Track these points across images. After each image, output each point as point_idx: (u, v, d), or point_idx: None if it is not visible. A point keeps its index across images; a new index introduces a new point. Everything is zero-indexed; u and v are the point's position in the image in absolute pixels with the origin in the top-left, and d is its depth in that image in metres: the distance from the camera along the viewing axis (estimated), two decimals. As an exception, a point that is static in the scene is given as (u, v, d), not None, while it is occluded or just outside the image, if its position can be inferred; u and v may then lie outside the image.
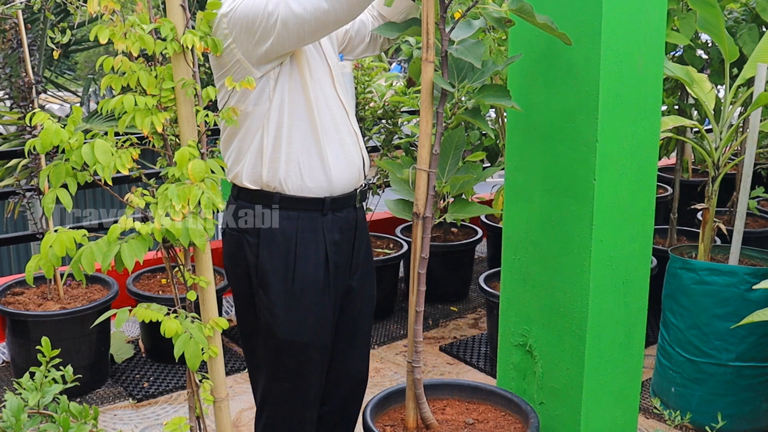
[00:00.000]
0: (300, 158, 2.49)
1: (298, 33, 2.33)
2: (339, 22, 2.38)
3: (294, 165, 2.49)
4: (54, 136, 1.91)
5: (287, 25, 2.30)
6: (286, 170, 2.49)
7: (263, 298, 2.58)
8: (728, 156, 3.99)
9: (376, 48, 2.82)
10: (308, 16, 2.28)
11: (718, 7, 3.75)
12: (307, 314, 2.58)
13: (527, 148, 2.71)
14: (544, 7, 2.48)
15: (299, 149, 2.49)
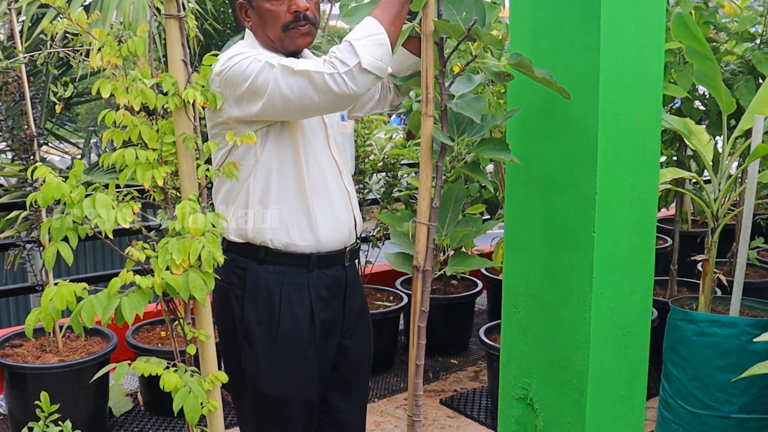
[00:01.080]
0: (287, 217, 2.50)
1: (283, 111, 2.35)
2: (324, 111, 2.42)
3: (281, 221, 2.49)
4: (55, 190, 1.91)
5: (273, 101, 2.32)
6: (272, 230, 2.50)
7: (248, 351, 2.57)
8: (727, 207, 4.00)
9: (385, 105, 2.84)
10: (294, 98, 2.30)
11: (714, 59, 3.78)
12: (291, 370, 2.57)
13: (526, 200, 2.72)
14: (543, 62, 2.50)
15: (286, 208, 2.49)
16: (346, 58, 2.25)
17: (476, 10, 2.40)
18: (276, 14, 2.47)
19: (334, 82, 2.25)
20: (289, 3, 2.47)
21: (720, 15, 5.10)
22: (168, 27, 2.06)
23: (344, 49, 2.27)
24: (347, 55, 2.25)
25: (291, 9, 2.47)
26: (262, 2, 2.48)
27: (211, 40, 7.81)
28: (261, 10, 2.49)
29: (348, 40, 2.29)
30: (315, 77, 2.25)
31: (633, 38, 2.56)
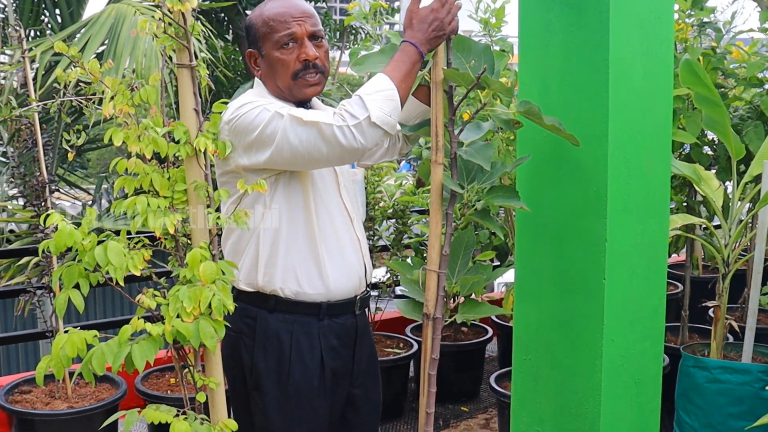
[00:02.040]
0: (297, 265, 2.48)
1: (291, 161, 2.35)
2: (331, 163, 2.42)
3: (290, 272, 2.48)
4: (68, 237, 1.92)
5: (281, 151, 2.31)
6: (282, 277, 2.48)
7: (258, 401, 2.55)
8: (738, 252, 3.99)
9: (394, 153, 2.84)
10: (303, 149, 2.29)
11: (722, 106, 3.79)
12: (301, 420, 2.54)
13: (537, 247, 2.72)
14: (552, 109, 2.51)
15: (296, 257, 2.48)
16: (356, 112, 2.26)
17: (485, 58, 2.42)
18: (286, 63, 2.49)
19: (342, 134, 2.25)
20: (299, 51, 2.49)
21: (728, 61, 5.12)
22: (180, 76, 2.08)
23: (354, 102, 2.28)
24: (357, 109, 2.26)
25: (300, 57, 2.49)
26: (271, 51, 2.50)
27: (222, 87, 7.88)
28: (271, 58, 2.50)
29: (358, 94, 2.30)
30: (324, 129, 2.26)
31: (641, 85, 2.57)
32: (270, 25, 2.49)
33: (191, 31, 2.05)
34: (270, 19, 2.49)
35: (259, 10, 2.55)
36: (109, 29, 5.78)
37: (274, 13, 2.50)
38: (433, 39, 2.35)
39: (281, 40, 2.48)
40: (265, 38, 2.50)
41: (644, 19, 2.57)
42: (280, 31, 2.48)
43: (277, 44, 2.48)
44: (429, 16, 2.36)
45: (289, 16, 2.49)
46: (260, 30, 2.51)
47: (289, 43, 2.48)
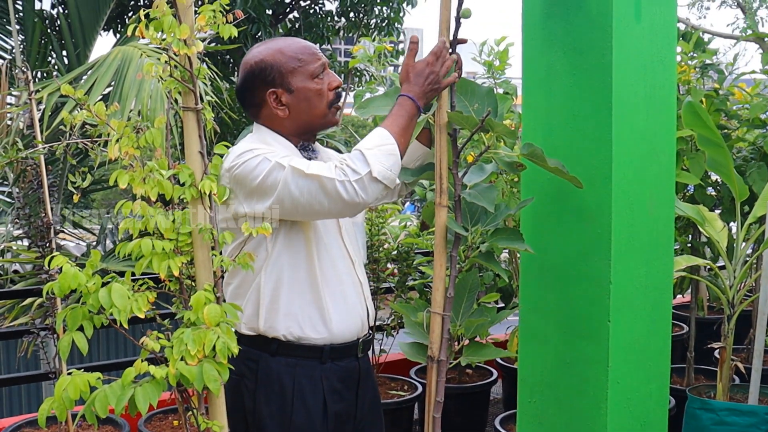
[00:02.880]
0: (299, 310, 2.47)
1: (291, 212, 2.35)
2: (331, 216, 2.43)
3: (293, 317, 2.47)
4: (72, 279, 1.93)
5: (282, 201, 2.31)
6: (284, 322, 2.47)
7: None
8: (743, 293, 3.99)
9: (393, 195, 2.84)
10: (304, 201, 2.30)
11: (726, 147, 3.80)
12: None
13: (541, 289, 2.72)
14: (556, 152, 2.52)
15: (298, 301, 2.47)
16: (357, 167, 2.27)
17: (488, 101, 2.44)
18: (322, 92, 2.54)
19: (344, 189, 2.26)
20: (329, 80, 2.56)
21: (731, 102, 5.14)
22: (185, 119, 2.09)
23: (355, 157, 2.29)
24: (359, 164, 2.27)
25: (332, 85, 2.56)
26: (305, 84, 2.53)
27: (227, 128, 7.91)
28: (306, 91, 2.53)
29: (359, 149, 2.31)
30: (326, 183, 2.26)
31: (644, 127, 2.59)
32: (300, 59, 2.52)
33: (197, 74, 2.07)
34: (298, 53, 2.53)
35: (270, 50, 2.55)
36: (116, 71, 5.82)
37: (299, 47, 2.55)
38: (429, 92, 2.40)
39: (316, 70, 2.53)
40: (294, 72, 2.52)
41: (647, 61, 2.58)
42: (312, 62, 2.53)
43: (311, 75, 2.52)
44: (425, 70, 2.40)
45: (311, 48, 2.57)
46: (287, 65, 2.52)
47: (321, 74, 2.54)
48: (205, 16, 2.05)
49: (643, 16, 2.55)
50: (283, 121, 2.55)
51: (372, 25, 11.52)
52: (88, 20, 8.68)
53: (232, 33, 2.09)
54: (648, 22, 2.57)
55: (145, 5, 10.30)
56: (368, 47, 4.78)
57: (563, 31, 2.59)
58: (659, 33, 2.62)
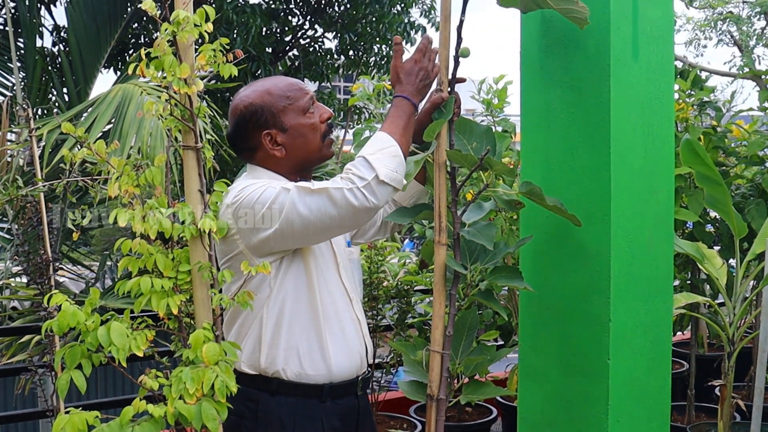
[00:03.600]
0: (299, 347, 2.47)
1: (302, 233, 2.35)
2: (344, 228, 2.44)
3: (293, 353, 2.46)
4: (71, 317, 1.93)
5: (291, 223, 2.31)
6: (285, 358, 2.46)
7: None
8: (743, 330, 3.98)
9: (386, 231, 2.85)
10: (313, 218, 2.30)
11: (724, 184, 3.82)
12: None
13: (540, 327, 2.71)
14: (554, 190, 2.53)
15: (299, 338, 2.47)
16: (363, 173, 2.28)
17: (487, 140, 2.45)
18: (315, 126, 2.55)
19: (354, 196, 2.26)
20: (319, 112, 2.58)
21: (729, 139, 5.16)
22: (185, 157, 2.10)
23: (359, 164, 2.31)
24: (363, 170, 2.29)
25: (323, 118, 2.57)
26: (297, 120, 2.54)
27: (227, 166, 7.93)
28: (299, 127, 2.54)
29: (362, 156, 2.33)
30: (334, 194, 2.27)
31: (643, 165, 2.59)
32: (289, 97, 2.53)
33: (197, 113, 2.08)
34: (286, 91, 2.54)
35: (258, 92, 2.57)
36: (116, 109, 5.85)
37: (285, 85, 2.56)
38: (422, 88, 2.44)
39: (306, 105, 2.54)
40: (285, 111, 2.53)
41: (644, 99, 2.60)
42: (301, 98, 2.55)
43: (302, 111, 2.54)
44: (414, 68, 2.44)
45: (296, 84, 2.58)
46: (276, 105, 2.53)
47: (310, 108, 2.55)
48: (206, 55, 2.07)
49: (640, 55, 2.57)
50: (279, 160, 2.55)
51: (371, 63, 11.58)
52: (89, 58, 8.73)
53: (233, 72, 2.11)
54: (645, 61, 2.59)
55: (146, 44, 10.36)
56: (367, 85, 4.81)
57: (561, 69, 2.60)
58: (657, 71, 2.63)
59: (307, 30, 11.23)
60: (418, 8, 10.99)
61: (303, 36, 11.34)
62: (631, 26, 2.54)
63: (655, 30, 2.61)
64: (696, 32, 13.79)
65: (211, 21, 2.05)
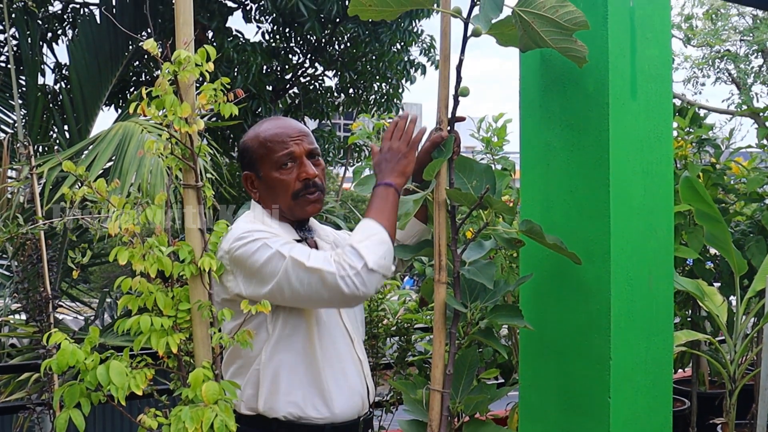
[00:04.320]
0: (299, 392, 2.45)
1: (290, 301, 2.34)
2: (332, 306, 2.45)
3: (293, 399, 2.44)
4: (70, 356, 1.92)
5: (282, 290, 2.30)
6: (285, 404, 2.44)
7: None
8: (744, 368, 3.97)
9: (396, 270, 2.83)
10: (304, 293, 2.29)
11: (723, 222, 3.83)
12: None
13: (541, 366, 2.70)
14: (554, 228, 2.53)
15: (299, 383, 2.45)
16: (352, 262, 2.25)
17: (487, 178, 2.45)
18: (286, 183, 2.50)
19: (345, 284, 2.24)
20: (299, 171, 2.50)
21: (728, 176, 5.18)
22: (186, 196, 2.11)
23: (348, 252, 2.28)
24: (353, 259, 2.26)
25: (300, 176, 2.50)
26: (270, 172, 2.51)
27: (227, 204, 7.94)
28: (270, 179, 2.52)
29: (350, 244, 2.30)
30: (327, 277, 2.25)
31: (642, 203, 2.60)
32: (267, 146, 2.50)
33: (198, 152, 2.09)
34: (267, 140, 2.51)
35: (253, 133, 2.57)
36: (116, 146, 5.86)
37: (271, 134, 2.52)
38: (402, 168, 2.44)
39: (280, 160, 2.49)
40: (262, 159, 2.52)
41: (643, 138, 2.61)
42: (278, 151, 2.49)
43: (276, 164, 2.50)
44: (387, 154, 2.45)
45: (286, 135, 2.51)
46: (257, 152, 2.53)
47: (288, 163, 2.50)
48: (206, 94, 2.08)
49: (639, 93, 2.58)
50: (265, 203, 2.56)
51: (371, 101, 11.63)
52: (90, 95, 8.77)
53: (233, 111, 2.12)
54: (644, 99, 2.60)
55: (147, 82, 10.42)
56: (367, 123, 4.83)
57: (560, 108, 2.62)
58: (655, 109, 2.65)
59: (307, 68, 11.29)
60: (418, 47, 11.05)
61: (303, 74, 11.40)
62: (630, 65, 2.56)
63: (653, 68, 2.63)
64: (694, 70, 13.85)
65: (212, 60, 2.07)
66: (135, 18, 9.26)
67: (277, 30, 10.66)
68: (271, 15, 10.05)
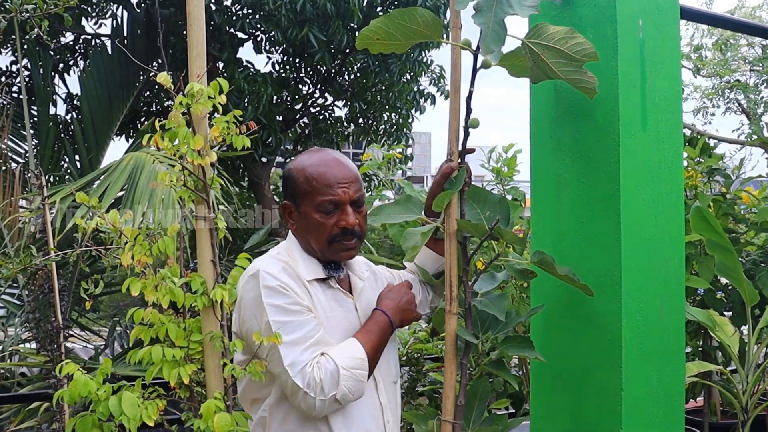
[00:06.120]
0: None
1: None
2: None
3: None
4: (83, 387, 1.93)
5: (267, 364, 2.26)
6: None
7: None
8: (757, 398, 3.95)
9: (426, 307, 2.77)
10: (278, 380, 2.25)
11: (734, 252, 3.82)
12: None
13: (552, 397, 2.70)
14: (565, 259, 2.54)
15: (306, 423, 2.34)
16: (327, 387, 2.21)
17: (500, 209, 2.46)
18: (324, 227, 2.40)
19: (304, 402, 2.21)
20: (339, 218, 2.41)
21: (738, 206, 5.17)
22: (198, 227, 2.12)
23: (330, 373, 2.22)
24: (329, 384, 2.21)
25: (340, 224, 2.40)
26: (310, 211, 2.41)
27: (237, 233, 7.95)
28: (308, 218, 2.42)
29: (338, 365, 2.24)
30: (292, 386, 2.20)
31: (653, 234, 2.60)
32: (312, 185, 2.40)
33: (210, 184, 2.10)
34: (313, 179, 2.41)
35: (300, 163, 2.46)
36: (128, 177, 5.89)
37: (319, 173, 2.41)
38: (404, 311, 2.42)
39: (323, 205, 2.40)
40: (305, 196, 2.42)
41: (654, 168, 2.62)
42: (323, 194, 2.40)
43: (317, 206, 2.40)
44: (402, 289, 2.45)
45: (335, 180, 2.41)
46: (300, 186, 2.42)
47: (330, 208, 2.40)
48: (219, 127, 2.09)
49: (649, 124, 2.59)
50: (299, 236, 2.48)
51: (381, 131, 11.67)
52: (101, 126, 8.82)
53: (246, 144, 2.13)
54: (654, 130, 2.61)
55: (158, 112, 10.48)
56: (377, 153, 4.85)
57: (571, 139, 2.63)
58: (665, 140, 2.66)
59: (317, 98, 11.33)
60: (428, 77, 11.08)
61: (313, 104, 11.45)
62: (640, 96, 2.57)
63: (663, 99, 2.64)
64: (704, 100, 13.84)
65: (224, 93, 2.08)
66: (146, 49, 9.33)
67: (287, 60, 10.72)
68: (281, 46, 10.10)
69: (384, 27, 2.33)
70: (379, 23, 2.32)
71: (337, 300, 2.42)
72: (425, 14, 2.31)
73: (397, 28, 2.33)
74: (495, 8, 2.20)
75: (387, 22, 2.32)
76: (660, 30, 2.64)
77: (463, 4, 2.24)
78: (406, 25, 2.32)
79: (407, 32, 2.34)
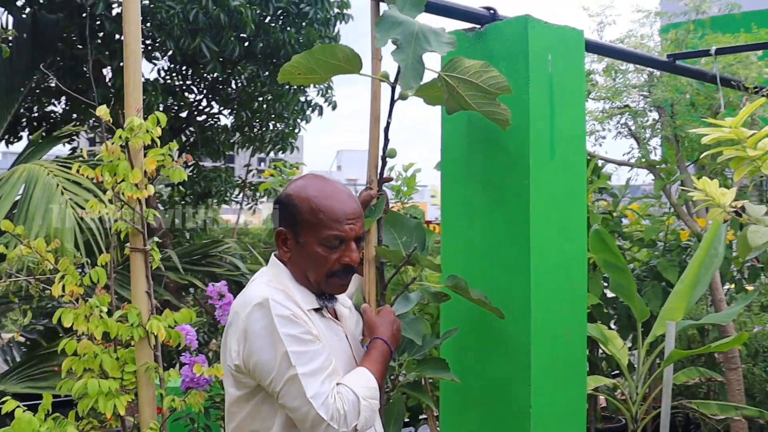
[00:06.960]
0: None
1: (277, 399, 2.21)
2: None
3: None
4: (27, 425, 1.90)
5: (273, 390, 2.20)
6: None
7: None
8: (645, 408, 4.13)
9: None
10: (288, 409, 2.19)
11: (629, 271, 4.00)
12: None
13: (462, 416, 2.78)
14: (476, 282, 2.62)
15: None
16: (350, 418, 2.17)
17: (416, 234, 2.54)
18: (326, 261, 2.32)
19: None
20: (342, 253, 2.32)
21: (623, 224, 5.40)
22: (133, 259, 2.13)
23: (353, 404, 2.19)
24: (352, 415, 2.18)
25: (343, 260, 2.32)
26: (312, 243, 2.32)
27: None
28: (309, 250, 2.33)
29: (357, 396, 2.21)
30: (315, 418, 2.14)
31: (559, 258, 2.73)
32: (319, 218, 2.31)
33: (146, 217, 2.12)
34: (320, 211, 2.31)
35: (304, 192, 2.36)
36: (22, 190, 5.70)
37: (327, 207, 2.32)
38: (397, 337, 2.39)
39: (329, 240, 2.31)
40: (309, 228, 2.32)
41: (560, 195, 2.74)
42: (330, 229, 2.30)
43: (323, 241, 2.31)
44: (391, 317, 2.41)
45: (344, 216, 2.32)
46: (304, 217, 2.33)
47: (336, 244, 2.31)
48: (154, 160, 2.11)
49: (557, 154, 2.71)
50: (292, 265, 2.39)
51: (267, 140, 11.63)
52: (-17, 133, 8.58)
53: (183, 177, 2.15)
54: (561, 159, 2.73)
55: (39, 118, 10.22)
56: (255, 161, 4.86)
57: (483, 167, 2.73)
58: (571, 168, 2.78)
59: (204, 107, 11.24)
60: (315, 88, 11.10)
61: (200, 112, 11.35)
62: (549, 127, 2.69)
63: (569, 130, 2.77)
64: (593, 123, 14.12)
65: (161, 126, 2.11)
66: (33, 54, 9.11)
67: (174, 68, 10.59)
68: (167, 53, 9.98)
69: (305, 62, 2.38)
70: (300, 59, 2.37)
71: (330, 329, 2.37)
72: (345, 50, 2.37)
73: (318, 64, 2.39)
74: (414, 45, 2.26)
75: (309, 58, 2.38)
76: (567, 64, 2.76)
77: (382, 42, 2.29)
78: (327, 61, 2.38)
79: (328, 67, 2.40)
